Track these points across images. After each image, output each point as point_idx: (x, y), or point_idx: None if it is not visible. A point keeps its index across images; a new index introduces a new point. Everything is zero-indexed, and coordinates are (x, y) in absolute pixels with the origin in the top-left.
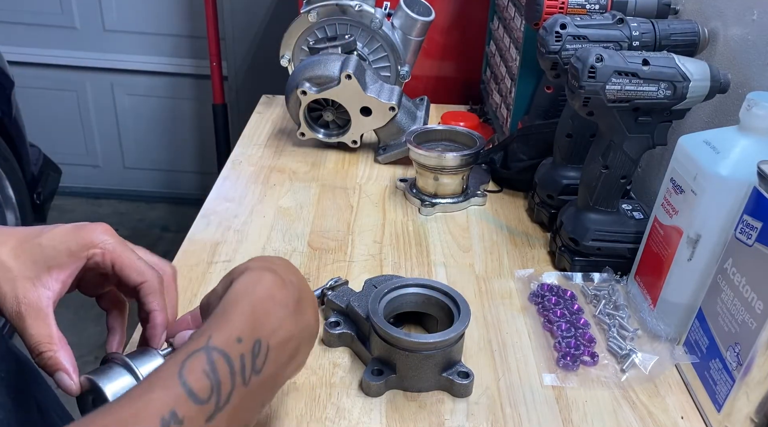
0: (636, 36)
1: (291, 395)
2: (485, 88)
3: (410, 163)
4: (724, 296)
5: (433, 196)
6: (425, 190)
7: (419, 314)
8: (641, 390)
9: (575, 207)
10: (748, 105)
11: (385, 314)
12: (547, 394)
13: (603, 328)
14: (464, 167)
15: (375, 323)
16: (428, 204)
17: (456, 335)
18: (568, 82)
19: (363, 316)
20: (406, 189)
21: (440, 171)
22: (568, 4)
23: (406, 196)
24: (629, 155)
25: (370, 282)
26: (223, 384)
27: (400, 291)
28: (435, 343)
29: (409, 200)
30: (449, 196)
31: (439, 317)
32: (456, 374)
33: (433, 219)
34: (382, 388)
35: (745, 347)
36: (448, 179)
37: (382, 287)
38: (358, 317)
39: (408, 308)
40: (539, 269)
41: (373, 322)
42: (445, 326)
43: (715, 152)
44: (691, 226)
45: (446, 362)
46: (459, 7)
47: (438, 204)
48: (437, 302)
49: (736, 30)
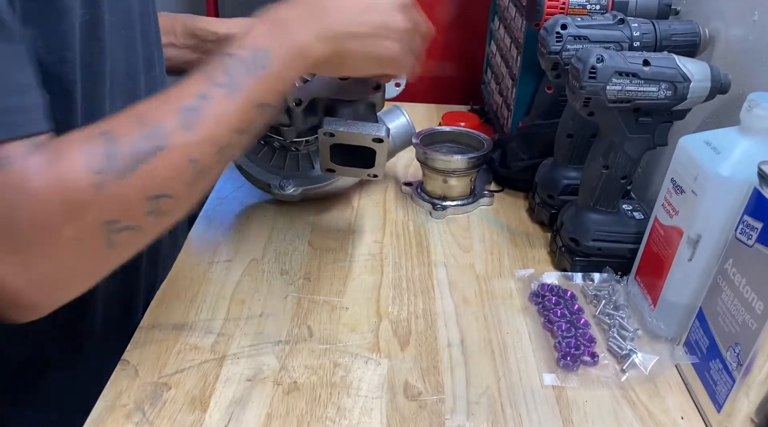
0: (637, 36)
1: (291, 395)
2: (486, 88)
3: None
4: (725, 297)
5: (442, 198)
6: (434, 193)
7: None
8: (641, 390)
9: (576, 207)
10: (749, 106)
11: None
12: (547, 394)
13: (603, 328)
14: (474, 169)
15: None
16: (439, 207)
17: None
18: (568, 83)
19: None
20: (413, 193)
21: (450, 173)
22: (569, 5)
23: (414, 200)
24: (630, 156)
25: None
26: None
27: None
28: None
29: (418, 204)
30: (458, 198)
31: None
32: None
33: (434, 219)
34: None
35: (746, 348)
36: (457, 181)
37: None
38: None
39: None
40: (539, 269)
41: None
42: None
43: (715, 153)
44: (691, 226)
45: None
46: (459, 7)
47: (449, 207)
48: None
49: (736, 31)
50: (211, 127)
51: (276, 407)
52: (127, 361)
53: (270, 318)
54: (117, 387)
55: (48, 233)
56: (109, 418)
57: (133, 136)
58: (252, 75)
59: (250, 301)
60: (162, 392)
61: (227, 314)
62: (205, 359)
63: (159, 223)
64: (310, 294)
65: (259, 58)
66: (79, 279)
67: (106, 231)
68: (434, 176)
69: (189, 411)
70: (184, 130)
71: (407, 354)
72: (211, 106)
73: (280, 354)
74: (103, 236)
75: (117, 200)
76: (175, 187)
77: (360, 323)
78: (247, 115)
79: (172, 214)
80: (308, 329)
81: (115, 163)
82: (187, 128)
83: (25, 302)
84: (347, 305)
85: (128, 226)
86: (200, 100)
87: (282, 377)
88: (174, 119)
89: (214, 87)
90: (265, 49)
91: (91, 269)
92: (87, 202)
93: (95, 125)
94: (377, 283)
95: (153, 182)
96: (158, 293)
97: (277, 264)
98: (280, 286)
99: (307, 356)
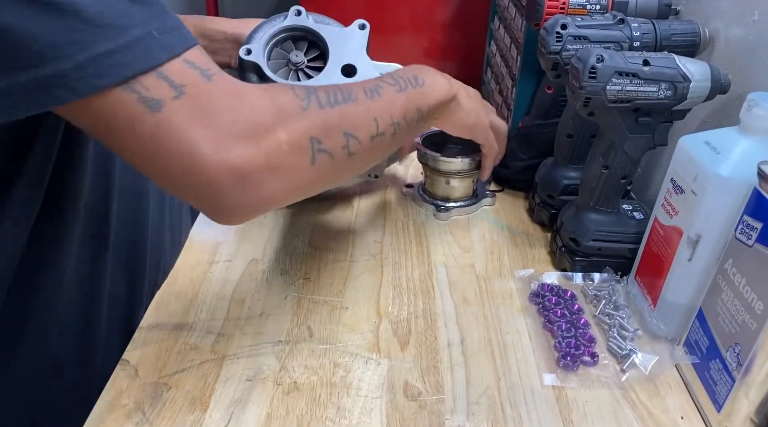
0: (637, 36)
1: (291, 395)
2: (486, 88)
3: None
4: (724, 297)
5: (446, 200)
6: (436, 195)
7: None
8: (641, 390)
9: (576, 207)
10: (749, 105)
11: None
12: (547, 394)
13: (603, 328)
14: (477, 170)
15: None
16: (443, 209)
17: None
18: (568, 83)
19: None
20: (415, 194)
21: (454, 175)
22: (569, 5)
23: (416, 201)
24: (630, 156)
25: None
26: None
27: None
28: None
29: (420, 205)
30: (461, 199)
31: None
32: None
33: (433, 219)
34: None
35: (745, 348)
36: (460, 182)
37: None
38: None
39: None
40: (539, 269)
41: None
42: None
43: (715, 153)
44: (691, 226)
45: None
46: (459, 7)
47: (452, 208)
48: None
49: (736, 30)
50: (387, 103)
51: (276, 407)
52: (127, 361)
53: (270, 318)
54: (117, 387)
55: (268, 132)
56: (109, 418)
57: (330, 89)
58: (412, 86)
59: (250, 301)
60: (162, 392)
61: (227, 314)
62: (205, 359)
63: (346, 162)
64: (310, 294)
65: (415, 78)
66: (291, 184)
67: (311, 146)
68: (437, 177)
69: (189, 411)
70: (367, 98)
71: (407, 354)
72: (385, 92)
73: (280, 354)
74: (309, 150)
75: (319, 122)
76: (362, 133)
77: (360, 323)
78: (409, 110)
79: (355, 160)
80: (308, 329)
81: (315, 98)
82: (369, 97)
83: (261, 190)
84: (347, 305)
85: (327, 150)
86: (377, 86)
87: (282, 377)
88: (359, 90)
89: (387, 84)
90: (419, 74)
91: (299, 179)
92: (296, 116)
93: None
94: (377, 283)
95: (347, 120)
96: (158, 293)
97: (277, 264)
98: (280, 286)
99: (307, 356)
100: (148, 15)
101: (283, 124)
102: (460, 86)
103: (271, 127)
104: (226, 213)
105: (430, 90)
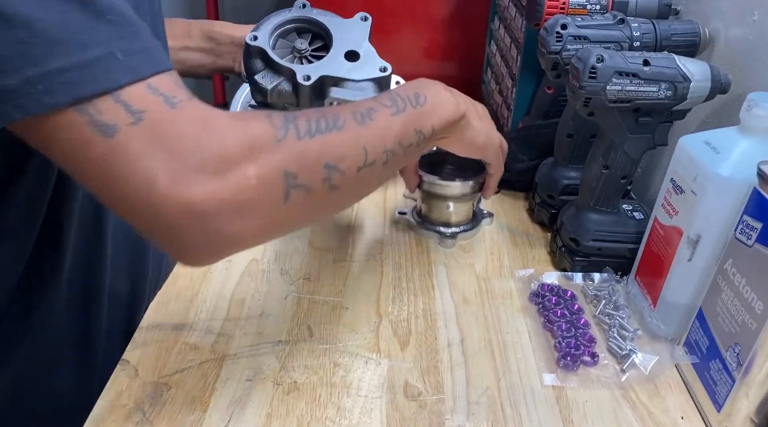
0: (637, 36)
1: (291, 395)
2: (486, 88)
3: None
4: (724, 297)
5: (446, 225)
6: (436, 220)
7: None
8: (641, 390)
9: (576, 207)
10: (749, 105)
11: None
12: (547, 394)
13: (603, 328)
14: (479, 191)
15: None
16: (449, 236)
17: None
18: (568, 83)
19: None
20: (411, 222)
21: (456, 199)
22: (569, 5)
23: (414, 230)
24: (630, 155)
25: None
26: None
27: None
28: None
29: (420, 234)
30: (462, 223)
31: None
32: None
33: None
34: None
35: (745, 348)
36: (462, 206)
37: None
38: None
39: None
40: (539, 269)
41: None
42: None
43: (715, 153)
44: (691, 226)
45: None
46: (459, 7)
47: (458, 234)
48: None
49: (736, 30)
50: (380, 129)
51: (276, 407)
52: (127, 361)
53: (270, 318)
54: (117, 387)
55: (234, 166)
56: (109, 418)
57: (313, 116)
58: (412, 106)
59: (250, 301)
60: (162, 392)
61: (227, 314)
62: (205, 359)
63: (327, 197)
64: (310, 294)
65: (416, 96)
66: (258, 224)
67: (284, 182)
68: (437, 202)
69: (189, 411)
70: (357, 124)
71: (407, 354)
72: (378, 116)
73: (280, 354)
74: (281, 186)
75: (296, 155)
76: (346, 165)
77: (360, 323)
78: (407, 134)
79: (339, 194)
80: (308, 329)
81: (294, 127)
82: (360, 123)
83: (218, 230)
84: (347, 305)
85: (303, 185)
86: (371, 110)
87: (282, 377)
88: (349, 115)
89: (381, 106)
90: (421, 92)
91: (268, 219)
92: (269, 148)
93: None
94: (377, 283)
95: (329, 151)
96: (158, 293)
97: (277, 264)
98: (280, 286)
99: (307, 356)
100: (113, 34)
101: (252, 156)
102: (469, 103)
103: (238, 160)
104: (185, 253)
105: (434, 109)
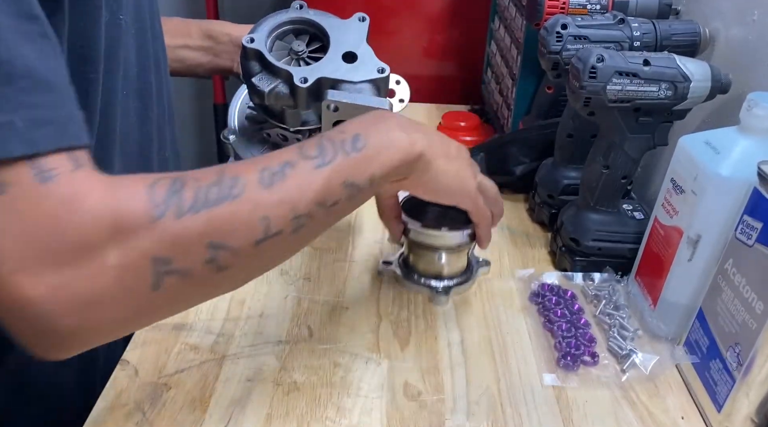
0: (637, 36)
1: (291, 395)
2: (486, 88)
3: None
4: (725, 296)
5: (440, 278)
6: (426, 272)
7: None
8: (641, 390)
9: (576, 207)
10: (749, 105)
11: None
12: (547, 394)
13: (603, 328)
14: (473, 241)
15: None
16: (441, 292)
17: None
18: (569, 83)
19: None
20: (398, 274)
21: (452, 249)
22: (569, 5)
23: (401, 283)
24: (630, 155)
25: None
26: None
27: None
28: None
29: (408, 288)
30: (457, 275)
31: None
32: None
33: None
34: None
35: (746, 348)
36: (456, 257)
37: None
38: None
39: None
40: (540, 268)
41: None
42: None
43: (715, 153)
44: (691, 226)
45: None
46: (459, 7)
47: (450, 288)
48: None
49: (736, 30)
50: (291, 192)
51: (276, 407)
52: (127, 361)
53: (270, 318)
54: (117, 387)
55: (92, 253)
56: (109, 418)
57: (205, 182)
58: (344, 154)
59: (250, 301)
60: (162, 392)
61: (227, 314)
62: (205, 359)
63: (214, 278)
64: (310, 294)
65: (355, 140)
66: (117, 316)
67: (152, 269)
68: (427, 253)
69: (189, 411)
70: (261, 188)
71: (407, 354)
72: (294, 174)
73: (280, 354)
74: (149, 274)
75: (170, 237)
76: (238, 242)
77: (360, 323)
78: (332, 190)
79: (231, 273)
80: (308, 329)
81: (177, 201)
82: (265, 187)
83: (59, 329)
84: (347, 305)
85: (179, 270)
86: (285, 166)
87: (282, 377)
88: (254, 176)
89: (303, 159)
90: (363, 133)
91: (132, 309)
92: (138, 232)
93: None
94: (377, 283)
95: (215, 229)
96: None
97: None
98: (280, 286)
99: (307, 356)
100: (21, 103)
101: (116, 241)
102: (434, 142)
103: (98, 246)
104: (28, 346)
105: (377, 153)
